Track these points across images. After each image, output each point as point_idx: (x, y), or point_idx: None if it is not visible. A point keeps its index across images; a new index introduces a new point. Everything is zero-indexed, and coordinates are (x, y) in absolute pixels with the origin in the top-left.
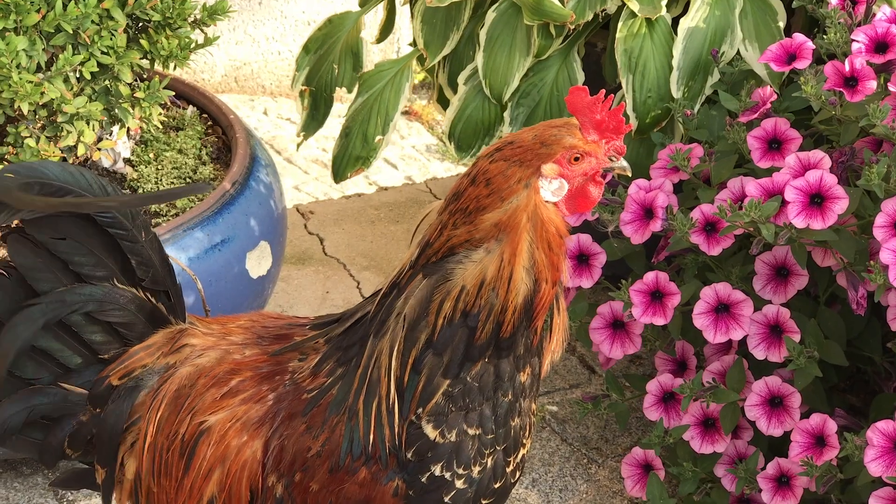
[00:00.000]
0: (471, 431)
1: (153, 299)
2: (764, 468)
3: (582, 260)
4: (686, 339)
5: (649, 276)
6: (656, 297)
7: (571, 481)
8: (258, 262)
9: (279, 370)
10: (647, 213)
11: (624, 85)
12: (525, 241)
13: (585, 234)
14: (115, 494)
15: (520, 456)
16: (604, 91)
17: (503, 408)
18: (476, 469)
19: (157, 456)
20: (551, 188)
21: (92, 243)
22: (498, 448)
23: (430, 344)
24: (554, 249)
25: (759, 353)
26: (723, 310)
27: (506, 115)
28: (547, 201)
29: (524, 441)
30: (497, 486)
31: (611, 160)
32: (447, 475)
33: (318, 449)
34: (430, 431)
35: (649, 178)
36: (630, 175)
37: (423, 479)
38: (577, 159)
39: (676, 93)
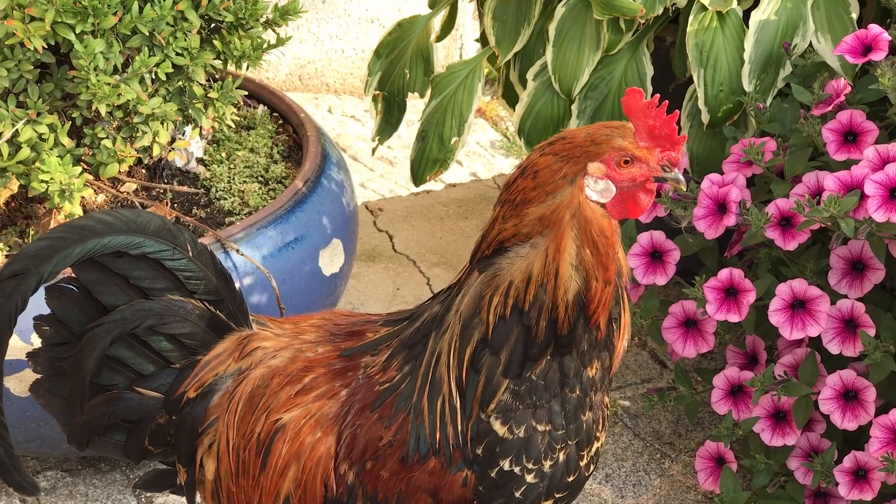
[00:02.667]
0: (540, 427)
1: (212, 308)
2: (838, 461)
3: (655, 257)
4: (758, 333)
5: (723, 274)
6: (731, 293)
7: (645, 476)
8: (331, 260)
9: (352, 366)
10: (721, 207)
11: (695, 79)
12: (569, 238)
13: (659, 230)
14: (198, 495)
15: (594, 449)
16: (658, 97)
17: (571, 404)
18: (547, 464)
19: (235, 456)
20: (597, 188)
21: (145, 261)
22: (570, 442)
23: (485, 342)
24: (601, 250)
25: (833, 348)
26: (799, 306)
27: (573, 108)
28: (594, 201)
29: (598, 434)
30: (570, 479)
31: (664, 170)
32: (516, 470)
33: (390, 438)
34: (499, 428)
35: (722, 173)
36: (685, 189)
37: (493, 474)
38: (626, 163)
39: (748, 86)
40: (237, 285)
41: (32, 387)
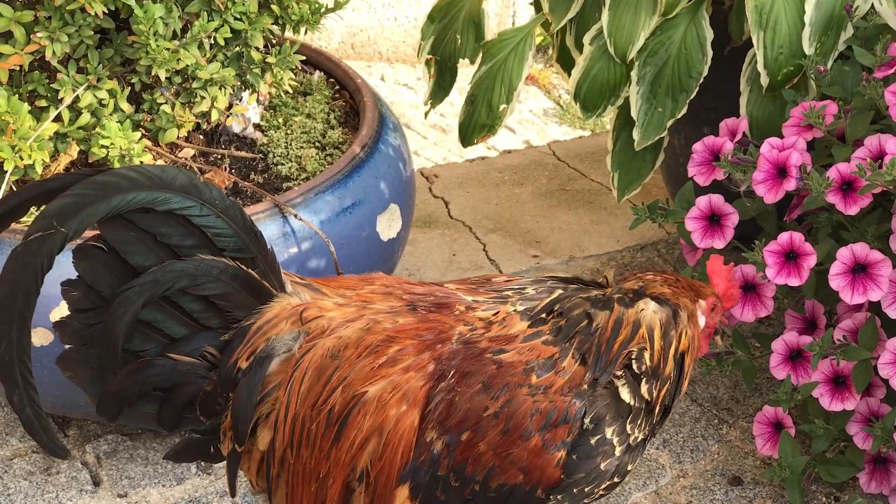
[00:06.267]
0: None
1: (244, 267)
2: None
3: (714, 220)
4: (817, 298)
5: (783, 237)
6: (790, 257)
7: (703, 441)
8: (388, 225)
9: (443, 338)
10: (781, 171)
11: (755, 41)
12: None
13: (717, 194)
14: (243, 464)
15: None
16: (733, 263)
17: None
18: (634, 435)
19: (298, 427)
20: (701, 317)
21: (173, 217)
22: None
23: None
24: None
25: (893, 313)
26: (860, 270)
27: (633, 74)
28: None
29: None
30: (629, 468)
31: (720, 323)
32: (616, 439)
33: (497, 409)
34: (625, 395)
35: (781, 137)
36: (720, 343)
37: (593, 441)
38: (713, 310)
39: (808, 49)
40: (269, 244)
41: (59, 359)
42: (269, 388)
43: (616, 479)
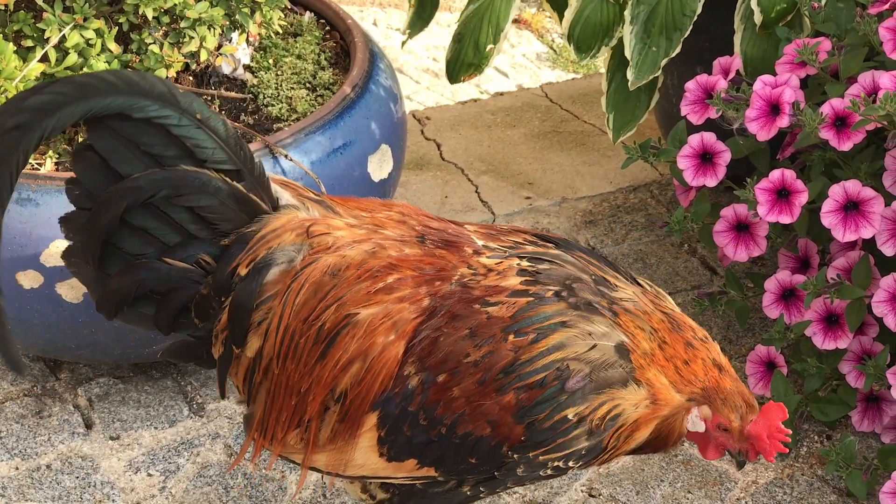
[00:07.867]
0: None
1: (229, 179)
2: (891, 364)
3: (706, 158)
4: (810, 237)
5: (775, 174)
6: (782, 195)
7: None
8: (379, 166)
9: (444, 276)
10: (774, 109)
11: None
12: (655, 423)
13: (710, 132)
14: (231, 369)
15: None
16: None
17: None
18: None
19: (287, 339)
20: (692, 418)
21: (153, 126)
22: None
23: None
24: (654, 444)
25: (888, 250)
26: (852, 207)
27: (626, 14)
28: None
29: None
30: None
31: (739, 454)
32: (574, 421)
33: (477, 358)
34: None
35: (775, 74)
36: (738, 469)
37: (557, 418)
38: (725, 430)
39: None
40: (259, 160)
41: (64, 253)
42: (265, 297)
43: (571, 464)
